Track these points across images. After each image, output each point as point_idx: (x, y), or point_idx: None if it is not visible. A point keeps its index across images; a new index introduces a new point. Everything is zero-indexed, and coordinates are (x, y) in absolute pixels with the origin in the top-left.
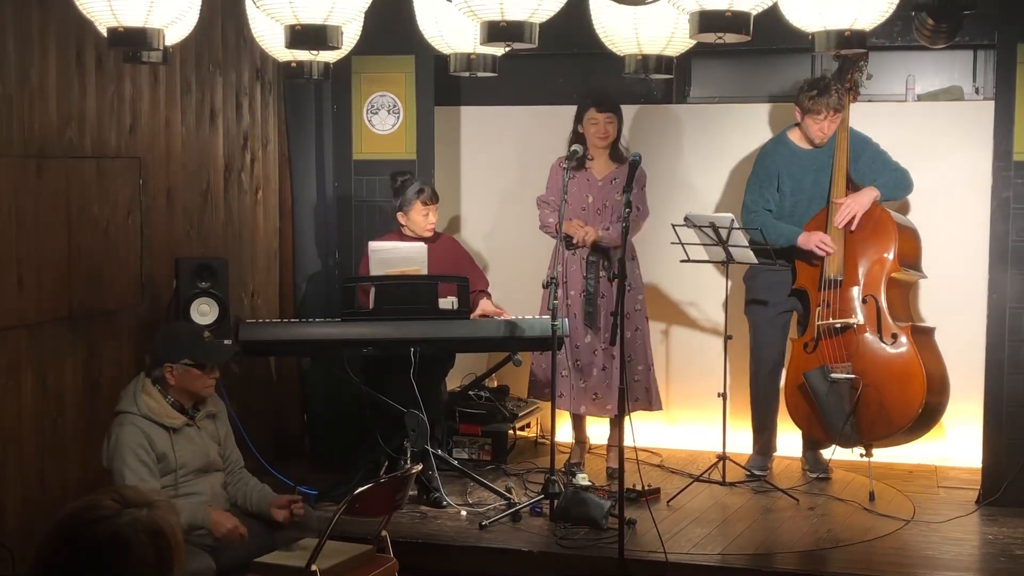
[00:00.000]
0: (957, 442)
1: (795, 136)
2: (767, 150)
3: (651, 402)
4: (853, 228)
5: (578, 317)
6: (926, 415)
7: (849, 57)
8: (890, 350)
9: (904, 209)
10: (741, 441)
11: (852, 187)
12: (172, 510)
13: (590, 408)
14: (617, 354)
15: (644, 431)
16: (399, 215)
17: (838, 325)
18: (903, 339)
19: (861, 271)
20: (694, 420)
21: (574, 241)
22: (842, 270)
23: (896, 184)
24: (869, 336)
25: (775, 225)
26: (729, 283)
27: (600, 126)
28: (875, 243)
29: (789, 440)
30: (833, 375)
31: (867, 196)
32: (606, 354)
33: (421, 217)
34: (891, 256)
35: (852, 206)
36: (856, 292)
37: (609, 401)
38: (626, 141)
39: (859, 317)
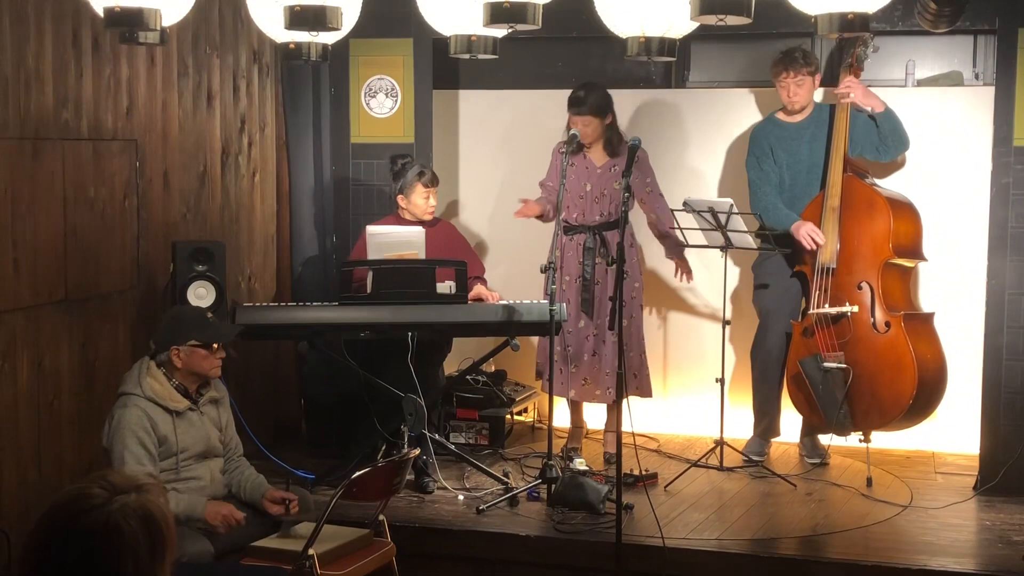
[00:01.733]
0: (955, 428)
1: (782, 114)
2: (756, 128)
3: (641, 388)
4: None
5: (572, 303)
6: (919, 404)
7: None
8: (882, 339)
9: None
10: (739, 426)
11: (850, 168)
12: (161, 491)
13: (579, 393)
14: (609, 340)
15: (642, 416)
16: (399, 198)
17: (832, 313)
18: (895, 328)
19: (855, 258)
20: (692, 405)
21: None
22: (835, 258)
23: (897, 125)
24: (862, 325)
25: (776, 210)
26: (728, 268)
27: (578, 127)
28: (870, 229)
29: (786, 426)
30: (825, 364)
31: (874, 97)
32: (597, 340)
33: (422, 200)
34: (886, 242)
35: (855, 88)
36: (850, 280)
37: (598, 387)
38: (625, 125)
39: (853, 305)
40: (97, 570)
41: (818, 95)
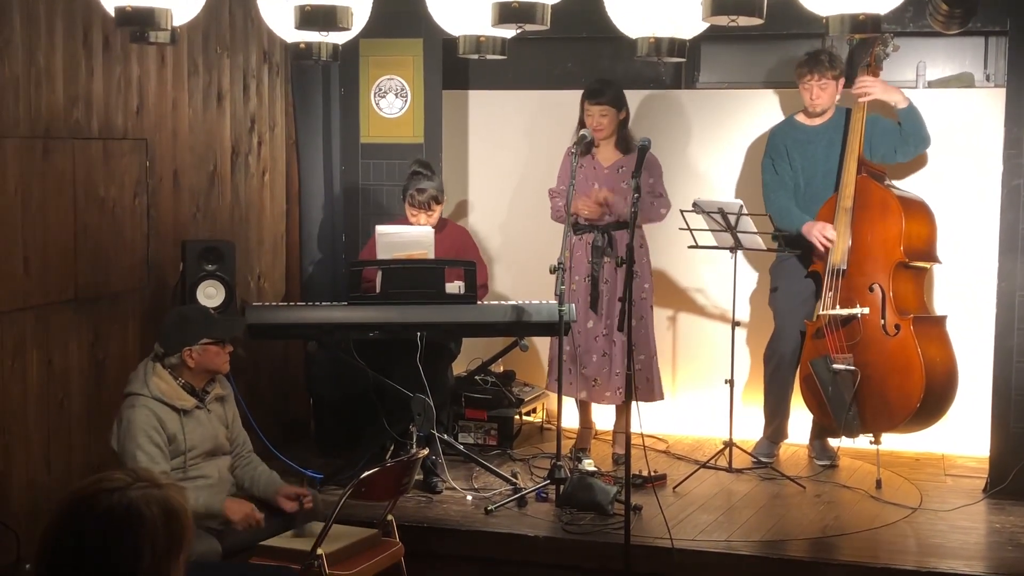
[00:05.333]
0: (965, 430)
1: (801, 116)
2: (774, 129)
3: (652, 392)
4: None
5: (581, 302)
6: (928, 407)
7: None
8: (891, 342)
9: None
10: (748, 428)
11: (865, 170)
12: (181, 491)
13: (590, 394)
14: (619, 341)
15: (651, 417)
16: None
17: (843, 315)
18: (905, 331)
19: (867, 260)
20: (701, 407)
21: (584, 216)
22: (846, 260)
23: (919, 124)
24: (872, 327)
25: (789, 212)
26: (740, 270)
27: (593, 118)
28: (882, 230)
29: (796, 427)
30: (835, 366)
31: (895, 91)
32: (607, 340)
33: (411, 217)
34: (897, 244)
35: (875, 85)
36: (862, 281)
37: (608, 389)
38: (634, 126)
39: (864, 307)
40: (114, 552)
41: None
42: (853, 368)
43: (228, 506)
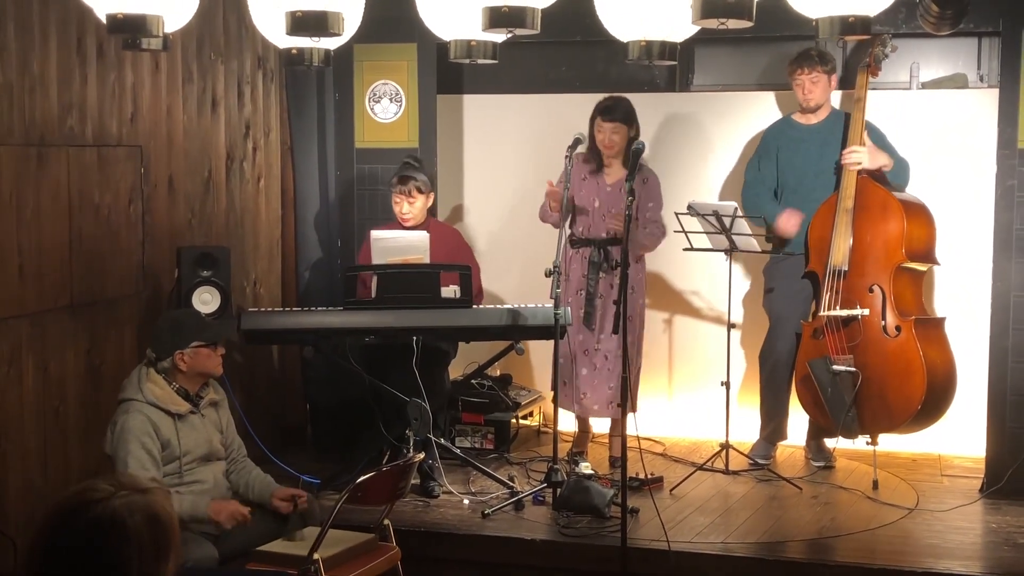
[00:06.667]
0: (961, 431)
1: (798, 115)
2: (768, 128)
3: (631, 404)
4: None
5: (575, 316)
6: (928, 409)
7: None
8: (892, 344)
9: None
10: (744, 430)
11: (863, 172)
12: (167, 496)
13: (582, 408)
14: (608, 356)
15: (647, 420)
16: None
17: (843, 316)
18: (906, 332)
19: (868, 260)
20: (697, 409)
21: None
22: (847, 260)
23: (901, 168)
24: (873, 328)
25: (757, 199)
26: (735, 272)
27: (605, 135)
28: (883, 231)
29: (792, 429)
30: (835, 367)
31: (881, 155)
32: (599, 355)
33: (394, 204)
34: (899, 245)
35: (863, 154)
36: (862, 282)
37: (596, 402)
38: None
39: (864, 308)
40: (100, 563)
41: (835, 100)
42: (854, 369)
43: (213, 508)
